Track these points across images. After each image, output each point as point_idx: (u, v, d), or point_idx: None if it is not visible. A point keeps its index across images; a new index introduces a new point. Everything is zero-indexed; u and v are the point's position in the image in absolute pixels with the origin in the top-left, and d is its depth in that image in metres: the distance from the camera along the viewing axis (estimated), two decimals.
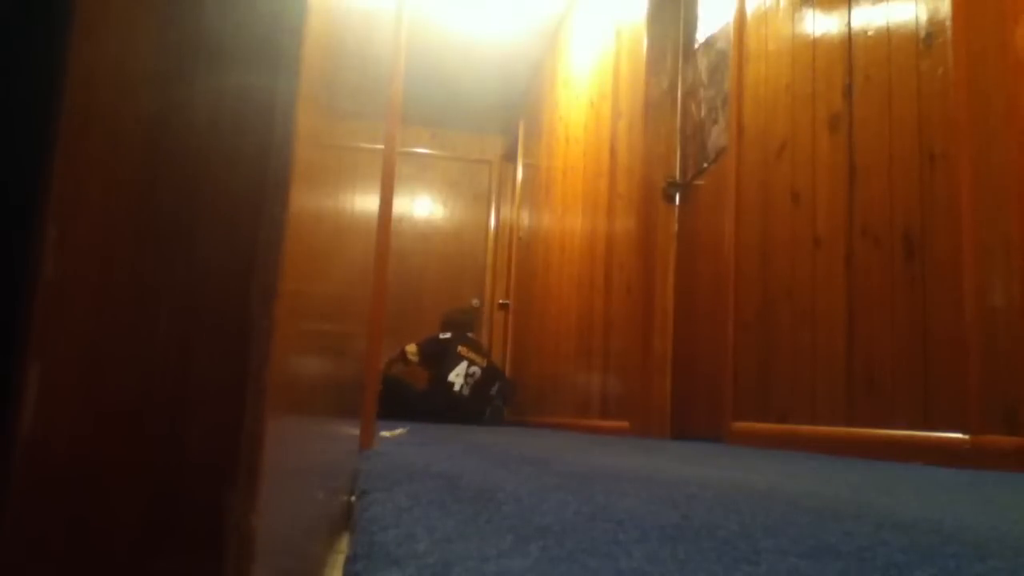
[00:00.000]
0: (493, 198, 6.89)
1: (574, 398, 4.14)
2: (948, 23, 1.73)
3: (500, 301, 6.42)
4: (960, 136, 1.67)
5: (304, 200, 0.30)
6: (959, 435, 1.58)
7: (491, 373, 5.16)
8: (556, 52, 5.26)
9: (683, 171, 3.39)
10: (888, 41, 1.95)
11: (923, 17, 1.82)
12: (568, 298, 4.43)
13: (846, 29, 2.13)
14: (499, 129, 6.81)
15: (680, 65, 3.51)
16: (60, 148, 0.25)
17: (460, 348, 5.08)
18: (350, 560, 0.45)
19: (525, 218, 5.89)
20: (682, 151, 3.43)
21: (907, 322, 1.79)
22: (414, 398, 4.84)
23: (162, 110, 0.26)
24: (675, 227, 3.36)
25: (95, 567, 0.24)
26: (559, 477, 1.03)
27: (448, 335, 5.20)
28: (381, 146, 1.52)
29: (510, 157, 6.63)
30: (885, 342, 1.85)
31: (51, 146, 0.25)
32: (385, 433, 2.23)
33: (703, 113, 3.24)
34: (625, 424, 3.31)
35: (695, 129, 3.31)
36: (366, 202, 0.89)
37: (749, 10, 2.72)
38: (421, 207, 6.76)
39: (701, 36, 3.33)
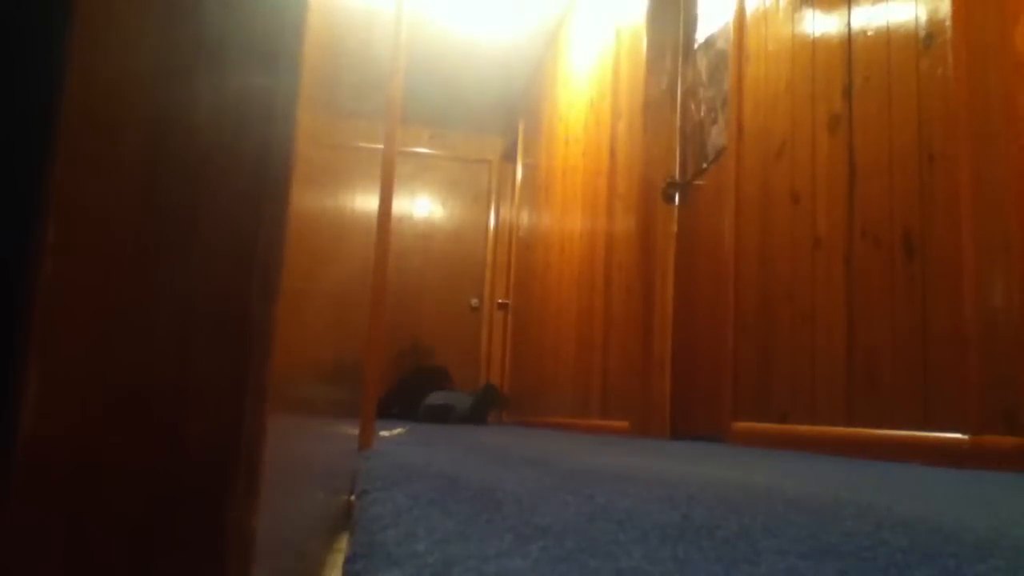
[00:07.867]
0: (493, 198, 6.89)
1: (574, 398, 4.14)
2: (948, 23, 1.73)
3: (499, 301, 6.43)
4: (960, 136, 1.67)
5: (304, 199, 0.30)
6: (959, 435, 1.58)
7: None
8: (556, 52, 5.26)
9: (683, 171, 3.40)
10: (888, 41, 1.95)
11: (923, 17, 1.82)
12: (567, 298, 4.43)
13: (846, 29, 2.13)
14: (499, 129, 6.81)
15: (680, 65, 3.51)
16: (60, 148, 0.25)
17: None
18: (350, 560, 0.45)
19: (525, 218, 5.88)
20: (682, 151, 3.43)
21: (907, 322, 1.78)
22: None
23: (163, 110, 0.26)
24: (675, 227, 3.36)
25: (95, 567, 0.24)
26: (559, 477, 1.03)
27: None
28: (381, 146, 1.52)
29: (510, 157, 6.63)
30: (885, 342, 1.85)
31: (51, 146, 0.25)
32: (384, 433, 2.23)
33: (703, 113, 3.24)
34: (625, 424, 3.31)
35: (695, 129, 3.32)
36: (366, 202, 0.89)
37: (749, 10, 2.72)
38: (421, 207, 6.76)
39: (701, 36, 3.33)
